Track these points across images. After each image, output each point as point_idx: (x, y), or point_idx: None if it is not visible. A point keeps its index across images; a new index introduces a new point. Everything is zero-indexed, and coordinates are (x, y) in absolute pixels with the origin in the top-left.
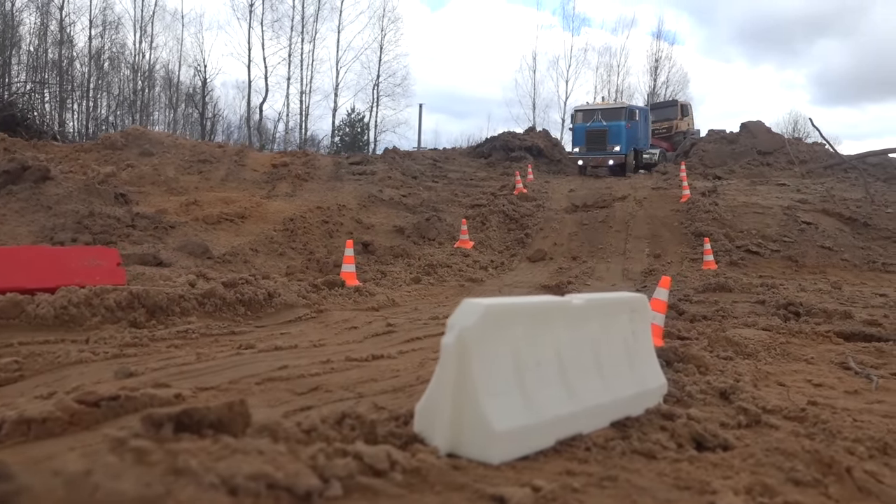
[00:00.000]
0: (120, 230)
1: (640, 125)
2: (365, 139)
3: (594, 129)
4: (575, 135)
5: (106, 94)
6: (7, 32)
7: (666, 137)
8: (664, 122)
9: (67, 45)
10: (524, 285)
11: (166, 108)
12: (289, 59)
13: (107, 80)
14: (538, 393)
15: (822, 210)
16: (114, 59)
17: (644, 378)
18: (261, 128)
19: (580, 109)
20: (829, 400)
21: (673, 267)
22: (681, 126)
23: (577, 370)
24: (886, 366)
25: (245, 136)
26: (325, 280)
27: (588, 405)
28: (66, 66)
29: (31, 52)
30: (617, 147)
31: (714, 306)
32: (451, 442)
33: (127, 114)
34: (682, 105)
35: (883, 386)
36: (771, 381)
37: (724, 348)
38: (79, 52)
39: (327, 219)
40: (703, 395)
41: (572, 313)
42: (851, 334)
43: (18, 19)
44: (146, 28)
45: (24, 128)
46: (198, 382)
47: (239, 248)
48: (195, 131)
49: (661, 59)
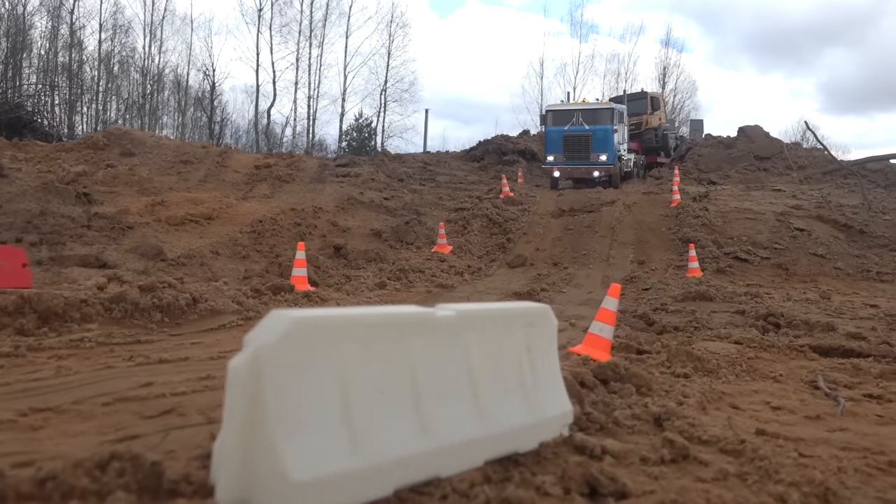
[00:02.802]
0: (73, 230)
1: (624, 128)
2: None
3: (574, 134)
4: (549, 139)
5: (115, 98)
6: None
7: (635, 135)
8: (632, 117)
9: (77, 49)
10: (497, 292)
11: (175, 111)
12: (296, 64)
13: (116, 83)
14: (375, 429)
15: (816, 216)
16: (123, 63)
17: (541, 404)
18: (269, 132)
19: (554, 109)
20: (783, 427)
21: (657, 274)
22: (651, 122)
23: (440, 398)
24: (861, 385)
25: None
26: (271, 285)
27: (450, 441)
28: (75, 70)
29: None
30: (603, 156)
31: (690, 316)
32: (239, 495)
33: (136, 117)
34: (653, 97)
35: (850, 410)
36: (724, 403)
37: (684, 364)
38: (89, 56)
39: (300, 221)
40: (634, 422)
41: (437, 328)
42: (830, 349)
43: (30, 23)
44: (156, 32)
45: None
46: (36, 402)
47: (197, 250)
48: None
49: (669, 66)
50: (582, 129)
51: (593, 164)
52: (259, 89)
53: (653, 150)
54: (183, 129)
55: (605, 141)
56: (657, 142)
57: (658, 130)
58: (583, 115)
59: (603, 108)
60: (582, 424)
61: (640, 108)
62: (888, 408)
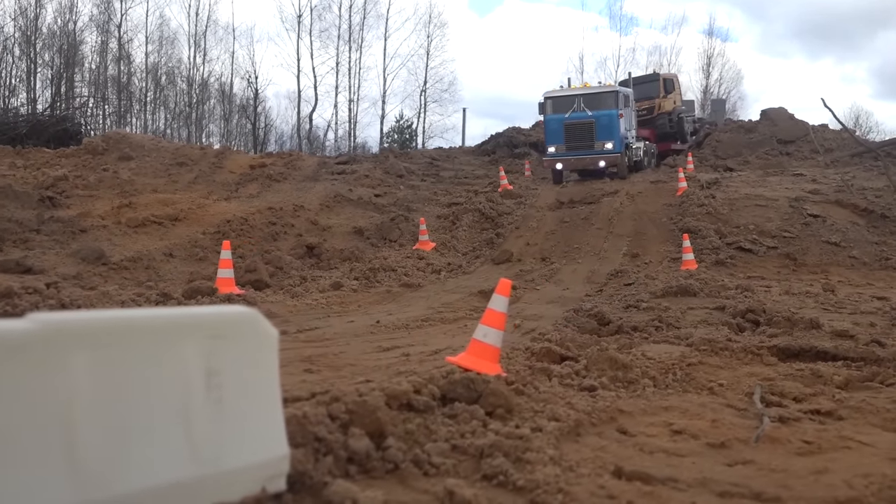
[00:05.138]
0: (18, 234)
1: (631, 113)
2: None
3: (576, 122)
4: (549, 129)
5: (163, 108)
6: (70, 51)
7: (647, 121)
8: (643, 101)
9: (126, 62)
10: (466, 291)
11: (220, 119)
12: (336, 68)
13: (163, 93)
14: None
15: (834, 201)
16: (170, 74)
17: (220, 451)
18: (311, 136)
19: (552, 96)
20: (663, 461)
21: (649, 267)
22: (665, 106)
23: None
24: (812, 398)
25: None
26: (188, 288)
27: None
28: (125, 82)
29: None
30: (609, 143)
31: (661, 313)
32: None
33: (183, 126)
34: (665, 79)
35: (770, 435)
36: (612, 426)
37: (601, 373)
38: (136, 68)
39: (276, 220)
40: (446, 460)
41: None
42: (799, 350)
43: (80, 38)
44: (200, 42)
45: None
46: None
47: (146, 253)
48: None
49: (713, 56)
50: (584, 115)
51: (598, 153)
52: (301, 95)
53: (667, 136)
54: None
55: (611, 127)
56: (671, 127)
57: (672, 115)
58: (584, 101)
59: (606, 92)
60: (369, 465)
61: (652, 91)
62: (826, 430)
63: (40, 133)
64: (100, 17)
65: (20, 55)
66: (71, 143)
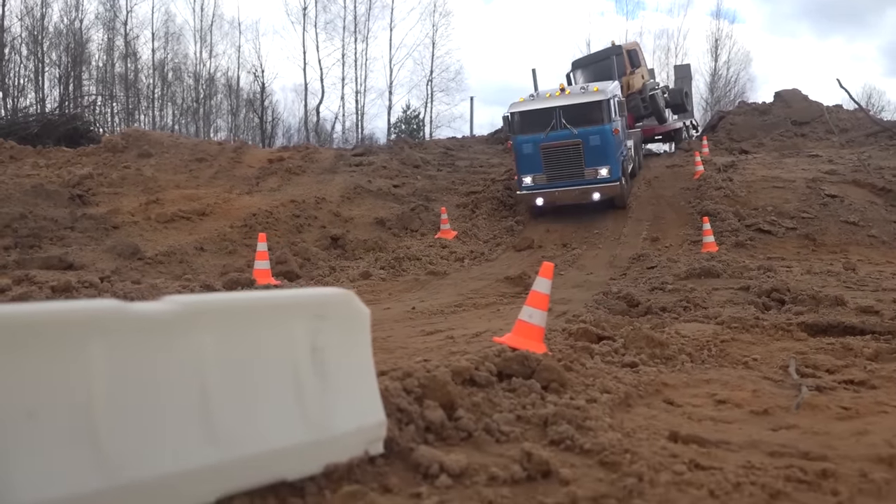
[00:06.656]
0: (54, 232)
1: (624, 122)
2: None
3: (557, 144)
4: (520, 155)
5: (171, 104)
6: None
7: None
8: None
9: (133, 59)
10: (492, 277)
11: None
12: (342, 60)
13: (171, 90)
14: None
15: (852, 181)
16: (177, 70)
17: (330, 418)
18: (318, 129)
19: (520, 110)
20: (712, 428)
21: (670, 251)
22: (634, 83)
23: (131, 419)
24: (845, 370)
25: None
26: (227, 279)
27: (143, 476)
28: (132, 79)
29: (100, 67)
30: (604, 170)
31: (688, 294)
32: None
33: (191, 122)
34: (629, 50)
35: (812, 402)
36: (658, 398)
37: (639, 350)
38: (143, 65)
39: (299, 213)
40: (514, 428)
41: (140, 328)
42: (827, 326)
43: (87, 36)
44: (206, 37)
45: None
46: None
47: (179, 247)
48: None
49: (720, 38)
50: (567, 134)
51: (590, 183)
52: (307, 87)
53: (643, 119)
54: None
55: (605, 148)
56: (646, 108)
57: (644, 93)
58: (566, 115)
59: (594, 101)
60: (444, 434)
61: (617, 68)
62: (861, 397)
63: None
64: (105, 15)
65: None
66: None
